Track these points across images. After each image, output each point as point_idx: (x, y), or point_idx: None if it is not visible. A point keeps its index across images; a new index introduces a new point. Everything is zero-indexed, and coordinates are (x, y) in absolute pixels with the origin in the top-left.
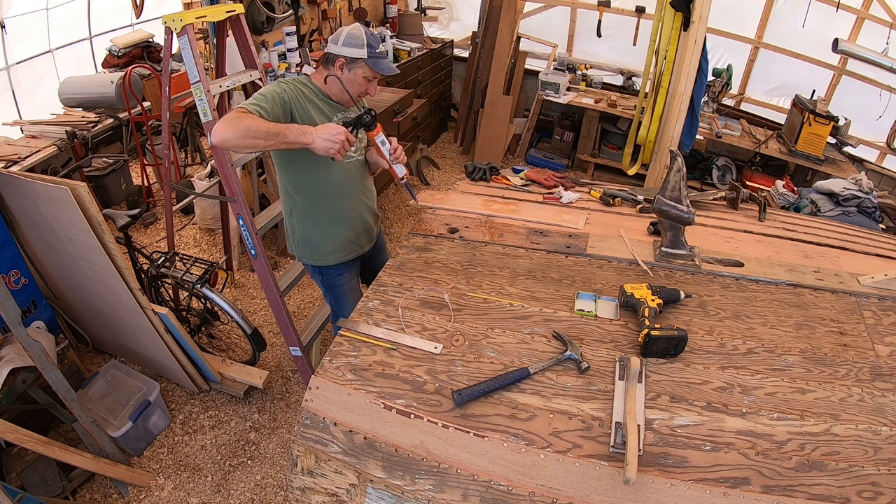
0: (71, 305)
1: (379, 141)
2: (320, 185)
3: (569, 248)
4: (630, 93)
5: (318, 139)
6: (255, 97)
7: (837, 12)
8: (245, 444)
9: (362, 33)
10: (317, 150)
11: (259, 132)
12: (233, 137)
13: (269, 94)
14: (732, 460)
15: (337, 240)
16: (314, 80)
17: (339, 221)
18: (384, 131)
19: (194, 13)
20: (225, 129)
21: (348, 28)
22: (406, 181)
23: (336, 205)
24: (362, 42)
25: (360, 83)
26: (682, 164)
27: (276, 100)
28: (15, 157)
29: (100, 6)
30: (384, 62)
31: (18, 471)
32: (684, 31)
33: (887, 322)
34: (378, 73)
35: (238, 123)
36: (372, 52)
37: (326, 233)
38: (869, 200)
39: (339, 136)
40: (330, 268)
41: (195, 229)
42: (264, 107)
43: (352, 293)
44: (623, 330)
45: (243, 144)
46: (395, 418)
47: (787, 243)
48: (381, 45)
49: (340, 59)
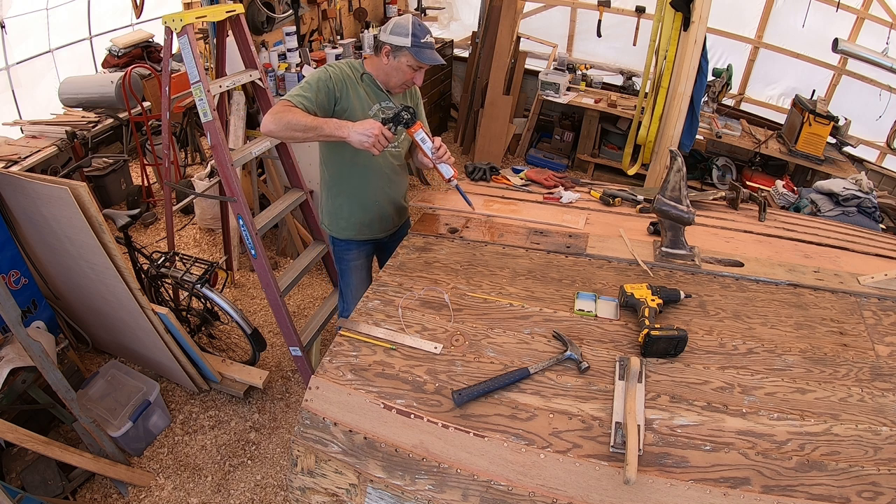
0: (71, 305)
1: (419, 139)
2: (346, 165)
3: (569, 248)
4: (630, 93)
5: (353, 133)
6: (302, 87)
7: (837, 12)
8: (245, 444)
9: (409, 23)
10: (352, 143)
11: (298, 126)
12: (276, 130)
13: (314, 82)
14: (732, 460)
15: (350, 219)
16: (367, 66)
17: (355, 202)
18: (425, 129)
19: (194, 13)
20: (270, 122)
21: (398, 17)
22: (457, 183)
23: (356, 186)
24: (407, 31)
25: (404, 71)
26: (682, 164)
27: (320, 87)
28: (15, 157)
29: (100, 6)
30: (428, 52)
31: (18, 471)
32: (684, 31)
33: (887, 322)
34: (421, 63)
35: (281, 118)
36: (416, 42)
37: (342, 209)
38: (869, 200)
39: (373, 131)
40: (341, 241)
41: (195, 229)
42: (308, 96)
43: (357, 271)
44: (623, 330)
45: (286, 136)
46: (395, 418)
47: (787, 243)
48: (428, 36)
49: (386, 46)
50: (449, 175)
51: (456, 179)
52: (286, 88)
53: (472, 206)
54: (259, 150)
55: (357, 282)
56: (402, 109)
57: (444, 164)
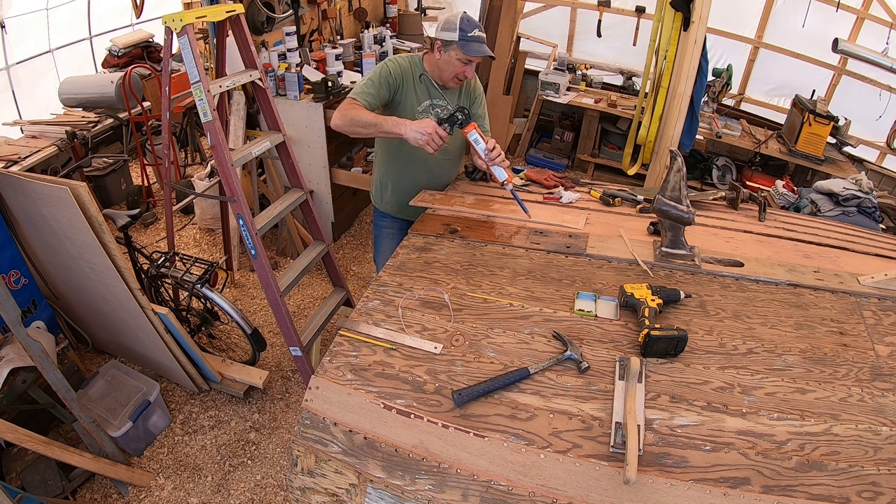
0: (71, 305)
1: (472, 139)
2: (393, 152)
3: (569, 248)
4: (630, 93)
5: (409, 131)
6: (365, 83)
7: (837, 12)
8: (245, 444)
9: (457, 18)
10: (409, 140)
11: (361, 122)
12: (342, 125)
13: (376, 78)
14: (732, 460)
15: (393, 198)
16: (424, 62)
17: (398, 186)
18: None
19: (194, 13)
20: (337, 118)
21: (449, 14)
22: (512, 187)
23: (400, 172)
24: (455, 26)
25: (454, 65)
26: (682, 164)
27: (381, 83)
28: (15, 157)
29: (100, 6)
30: (475, 45)
31: (18, 471)
32: (684, 31)
33: (887, 322)
34: (470, 56)
35: (346, 114)
36: (463, 36)
37: (387, 188)
38: (869, 200)
39: (428, 129)
40: (378, 211)
41: (195, 229)
42: (371, 93)
43: (388, 239)
44: (623, 330)
45: (350, 131)
46: (395, 418)
47: (787, 243)
48: (476, 30)
49: (438, 42)
50: (503, 179)
51: (511, 183)
52: (286, 88)
53: (529, 214)
54: (259, 150)
55: (385, 248)
56: (457, 110)
57: (498, 166)
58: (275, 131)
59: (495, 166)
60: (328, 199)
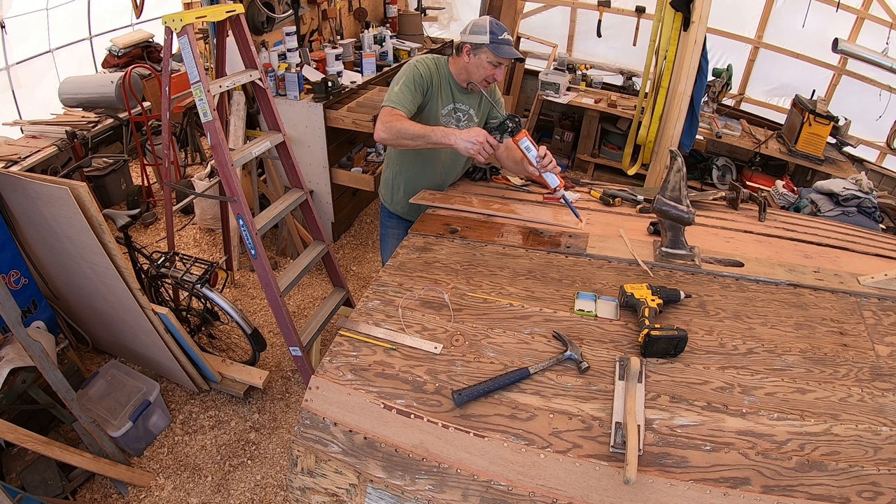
0: (71, 305)
1: (524, 147)
2: (408, 153)
3: (569, 248)
4: (630, 93)
5: (459, 141)
6: (401, 90)
7: (837, 12)
8: (245, 444)
9: (486, 22)
10: (458, 150)
11: (407, 134)
12: (388, 138)
13: (410, 84)
14: (732, 460)
15: (398, 196)
16: (449, 66)
17: (405, 182)
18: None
19: (194, 13)
20: (382, 131)
21: (476, 19)
22: (563, 193)
23: (416, 170)
24: (485, 30)
25: (484, 67)
26: (682, 164)
27: (416, 87)
28: (15, 157)
29: (100, 6)
30: (506, 48)
31: (18, 471)
32: (684, 31)
33: (887, 322)
34: (501, 59)
35: (391, 126)
36: (494, 39)
37: (398, 188)
38: (869, 200)
39: (479, 138)
40: (386, 210)
41: (195, 229)
42: (409, 98)
43: (393, 238)
44: (623, 330)
45: (396, 144)
46: (395, 418)
47: (787, 243)
48: (505, 33)
49: (467, 45)
50: (555, 184)
51: (563, 189)
52: (286, 88)
53: (581, 220)
54: (259, 150)
55: (390, 248)
56: (507, 118)
57: (550, 173)
58: (275, 131)
59: (547, 172)
60: (328, 199)
